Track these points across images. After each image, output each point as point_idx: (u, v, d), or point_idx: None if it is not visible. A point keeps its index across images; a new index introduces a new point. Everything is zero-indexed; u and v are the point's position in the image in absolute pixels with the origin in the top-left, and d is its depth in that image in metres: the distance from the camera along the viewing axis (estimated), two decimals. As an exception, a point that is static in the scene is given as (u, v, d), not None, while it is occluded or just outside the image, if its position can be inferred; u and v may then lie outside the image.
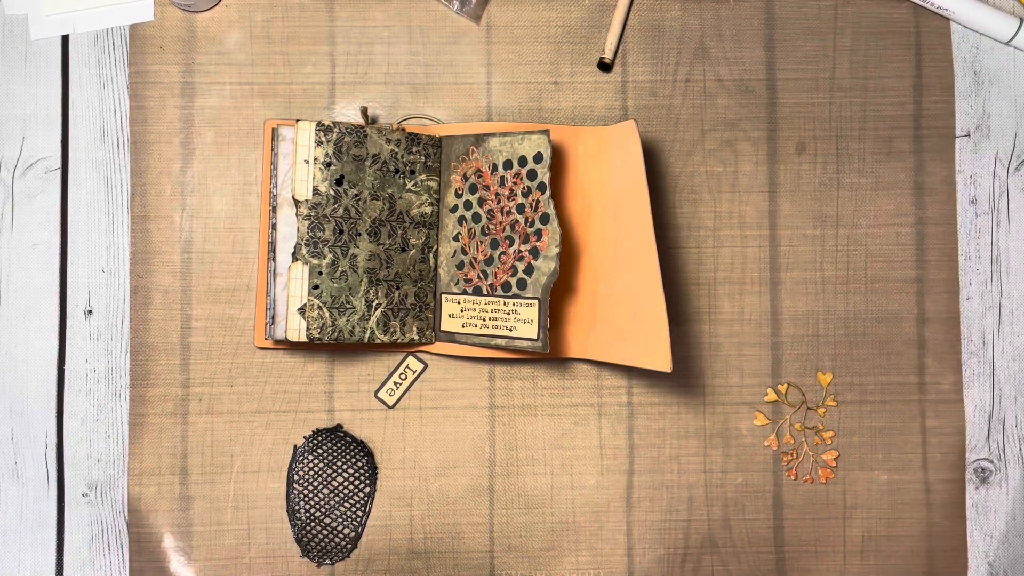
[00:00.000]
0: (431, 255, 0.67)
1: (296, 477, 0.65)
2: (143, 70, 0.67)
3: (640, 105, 0.68)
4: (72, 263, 0.67)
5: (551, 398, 0.67)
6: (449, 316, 0.66)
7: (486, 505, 0.67)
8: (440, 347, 0.66)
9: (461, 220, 0.66)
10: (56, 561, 0.66)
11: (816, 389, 0.68)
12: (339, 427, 0.66)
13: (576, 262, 0.65)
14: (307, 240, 0.63)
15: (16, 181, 0.67)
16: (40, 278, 0.67)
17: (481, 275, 0.64)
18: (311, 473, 0.66)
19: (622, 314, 0.62)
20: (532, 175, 0.63)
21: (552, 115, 0.68)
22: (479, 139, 0.65)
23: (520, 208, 0.63)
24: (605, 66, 0.68)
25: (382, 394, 0.67)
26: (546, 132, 0.62)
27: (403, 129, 0.65)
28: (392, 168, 0.65)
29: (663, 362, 0.58)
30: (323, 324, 0.62)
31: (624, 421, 0.67)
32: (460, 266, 0.66)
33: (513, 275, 0.63)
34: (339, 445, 0.66)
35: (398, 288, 0.65)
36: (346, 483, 0.66)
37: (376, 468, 0.66)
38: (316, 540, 0.65)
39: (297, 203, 0.63)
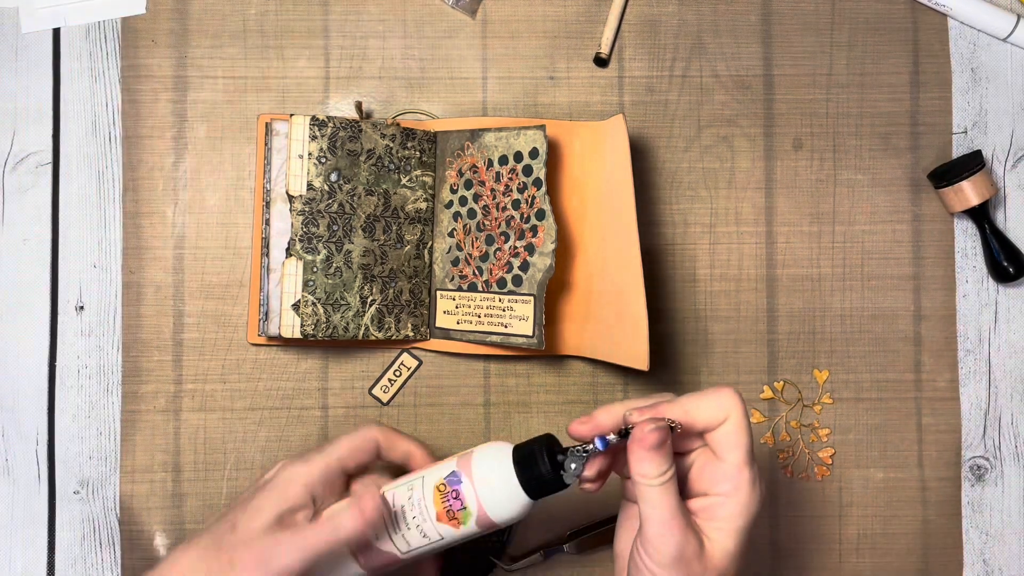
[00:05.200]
0: (426, 251, 0.66)
1: None
2: (135, 64, 0.67)
3: (636, 101, 0.68)
4: (63, 258, 0.66)
5: (546, 395, 0.67)
6: (444, 312, 0.65)
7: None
8: (435, 344, 0.66)
9: (456, 216, 0.65)
10: (47, 559, 0.66)
11: (812, 386, 0.68)
12: None
13: (572, 258, 0.65)
14: (301, 236, 0.62)
15: (7, 176, 0.66)
16: (31, 273, 0.66)
17: (476, 271, 0.64)
18: None
19: (611, 311, 0.61)
20: (528, 170, 0.62)
21: (548, 110, 0.68)
22: (474, 134, 0.65)
23: (516, 204, 0.63)
24: (601, 61, 0.68)
25: (376, 391, 0.67)
26: (542, 127, 0.62)
27: (398, 124, 0.65)
28: (387, 163, 0.64)
29: (641, 360, 0.58)
30: (317, 320, 0.62)
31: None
32: (455, 262, 0.65)
33: (509, 271, 0.63)
34: None
35: (393, 284, 0.65)
36: None
37: None
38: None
39: (291, 198, 0.62)
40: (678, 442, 0.47)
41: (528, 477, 0.47)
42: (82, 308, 0.66)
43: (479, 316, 0.63)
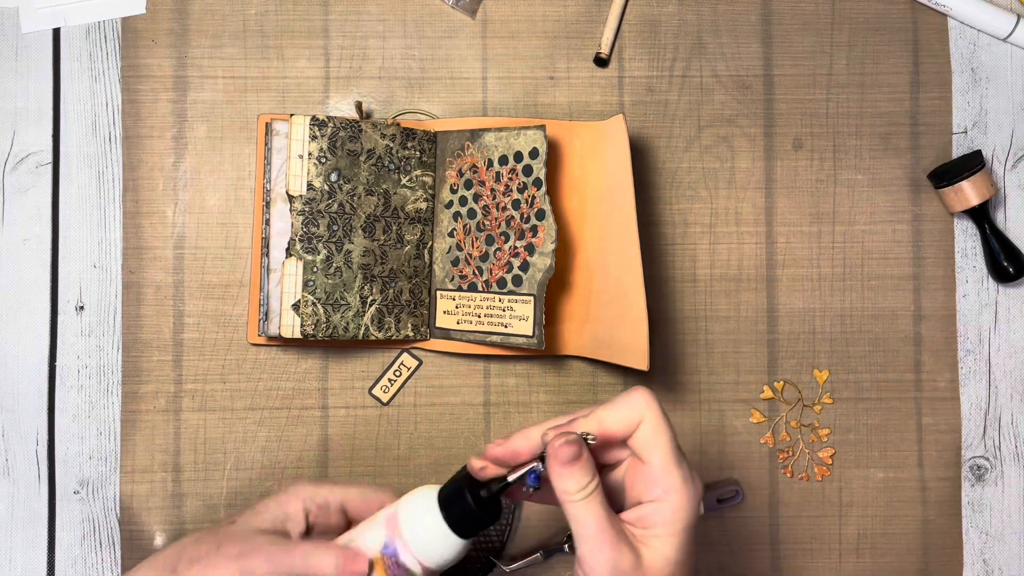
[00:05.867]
0: (426, 251, 0.66)
1: None
2: (135, 64, 0.67)
3: (636, 101, 0.68)
4: (64, 258, 0.66)
5: (546, 395, 0.67)
6: (444, 312, 0.65)
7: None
8: (435, 344, 0.66)
9: (456, 216, 0.65)
10: (48, 559, 0.66)
11: (812, 386, 0.68)
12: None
13: (571, 258, 0.65)
14: (301, 236, 0.62)
15: (7, 176, 0.66)
16: (31, 273, 0.66)
17: (476, 271, 0.64)
18: None
19: (611, 311, 0.61)
20: (528, 170, 0.62)
21: (548, 110, 0.67)
22: (474, 134, 0.65)
23: (516, 204, 0.63)
24: (601, 61, 0.68)
25: (376, 391, 0.67)
26: (542, 127, 0.62)
27: (398, 124, 0.65)
28: (387, 164, 0.64)
29: (641, 360, 0.58)
30: (317, 320, 0.62)
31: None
32: (455, 262, 0.65)
33: (509, 271, 0.63)
34: None
35: (393, 284, 0.65)
36: None
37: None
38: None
39: (291, 198, 0.62)
40: (604, 454, 0.46)
41: (455, 519, 0.46)
42: (82, 308, 0.66)
43: (479, 316, 0.63)
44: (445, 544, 0.47)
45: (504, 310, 0.62)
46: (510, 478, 0.45)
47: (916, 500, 0.67)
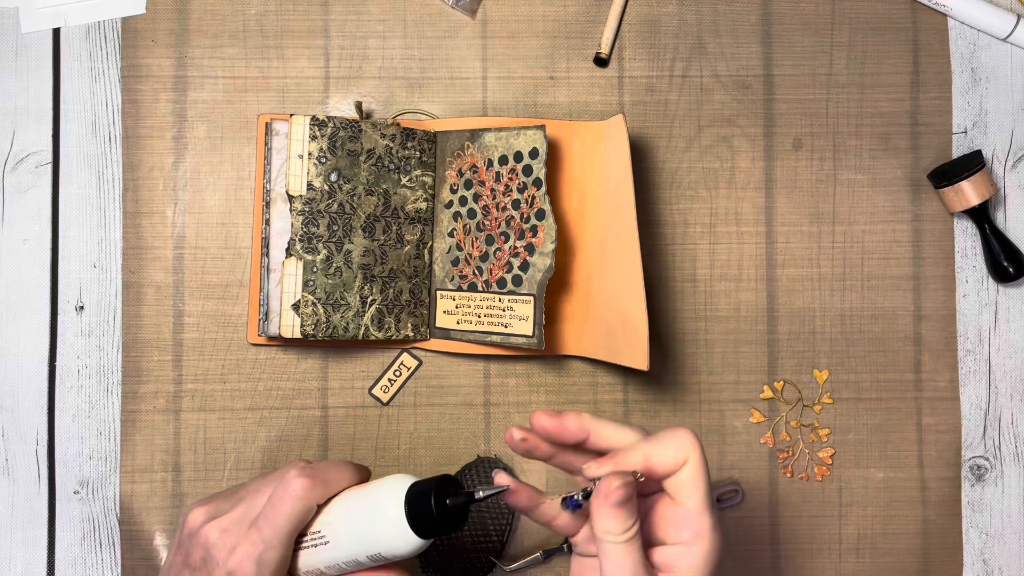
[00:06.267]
0: (426, 251, 0.66)
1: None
2: (135, 64, 0.67)
3: (636, 100, 0.68)
4: (63, 258, 0.66)
5: (546, 395, 0.67)
6: (444, 312, 0.65)
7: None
8: (435, 344, 0.66)
9: (456, 216, 0.65)
10: (47, 559, 0.66)
11: (812, 386, 0.68)
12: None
13: (572, 258, 0.65)
14: (301, 236, 0.62)
15: (7, 175, 0.66)
16: (31, 273, 0.66)
17: (476, 271, 0.64)
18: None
19: (611, 311, 0.61)
20: (528, 170, 0.62)
21: (548, 110, 0.68)
22: (474, 134, 0.65)
23: (516, 204, 0.63)
24: (601, 61, 0.68)
25: (376, 391, 0.67)
26: (542, 127, 0.62)
27: (398, 124, 0.65)
28: (387, 164, 0.64)
29: (641, 360, 0.58)
30: (317, 320, 0.62)
31: (620, 419, 0.67)
32: (455, 262, 0.65)
33: (509, 271, 0.63)
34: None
35: (393, 284, 0.65)
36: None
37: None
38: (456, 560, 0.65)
39: (291, 198, 0.62)
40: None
41: (415, 518, 0.47)
42: (82, 308, 0.66)
43: (479, 316, 0.63)
44: (401, 539, 0.47)
45: (504, 310, 0.62)
46: (478, 495, 0.46)
47: (916, 500, 0.67)
